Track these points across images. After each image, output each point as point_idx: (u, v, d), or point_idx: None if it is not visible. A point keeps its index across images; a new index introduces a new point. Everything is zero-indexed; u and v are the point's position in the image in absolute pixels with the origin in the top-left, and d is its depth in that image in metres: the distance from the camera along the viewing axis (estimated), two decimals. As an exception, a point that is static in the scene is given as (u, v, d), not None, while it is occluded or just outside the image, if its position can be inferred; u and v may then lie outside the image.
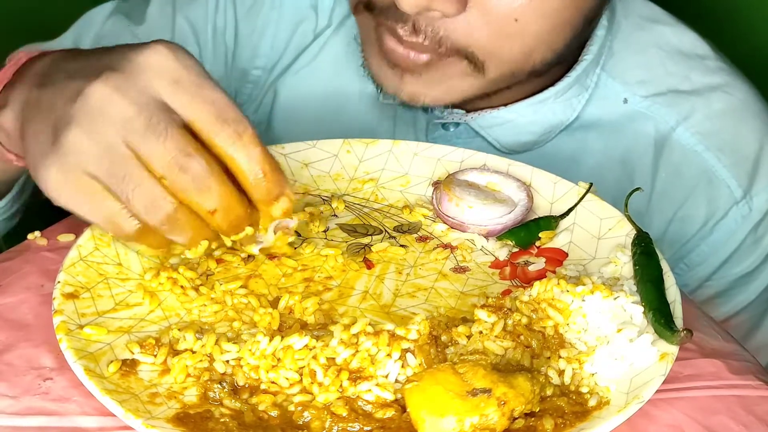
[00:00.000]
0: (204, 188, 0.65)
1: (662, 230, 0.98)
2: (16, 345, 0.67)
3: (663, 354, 0.65)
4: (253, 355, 0.64)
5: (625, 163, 0.98)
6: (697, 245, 0.98)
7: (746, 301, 0.99)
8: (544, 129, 0.98)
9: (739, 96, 0.99)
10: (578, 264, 0.77)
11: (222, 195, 0.66)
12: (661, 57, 1.00)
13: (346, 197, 0.85)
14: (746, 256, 0.98)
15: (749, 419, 0.66)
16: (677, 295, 0.70)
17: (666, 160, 0.98)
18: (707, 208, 0.97)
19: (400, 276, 0.75)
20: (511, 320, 0.66)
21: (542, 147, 0.99)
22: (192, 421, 0.60)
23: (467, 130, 0.99)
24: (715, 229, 0.97)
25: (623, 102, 0.98)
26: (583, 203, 0.81)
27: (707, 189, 0.97)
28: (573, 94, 0.97)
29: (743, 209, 0.96)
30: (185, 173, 0.64)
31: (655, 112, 0.98)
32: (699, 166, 0.97)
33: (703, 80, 0.99)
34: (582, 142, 0.99)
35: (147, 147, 0.64)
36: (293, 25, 1.06)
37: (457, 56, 0.85)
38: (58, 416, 0.62)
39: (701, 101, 0.98)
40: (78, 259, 0.72)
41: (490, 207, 0.80)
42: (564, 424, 0.60)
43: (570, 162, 0.98)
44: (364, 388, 0.62)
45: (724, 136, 0.98)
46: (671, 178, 0.98)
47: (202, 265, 0.74)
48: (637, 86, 0.99)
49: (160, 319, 0.69)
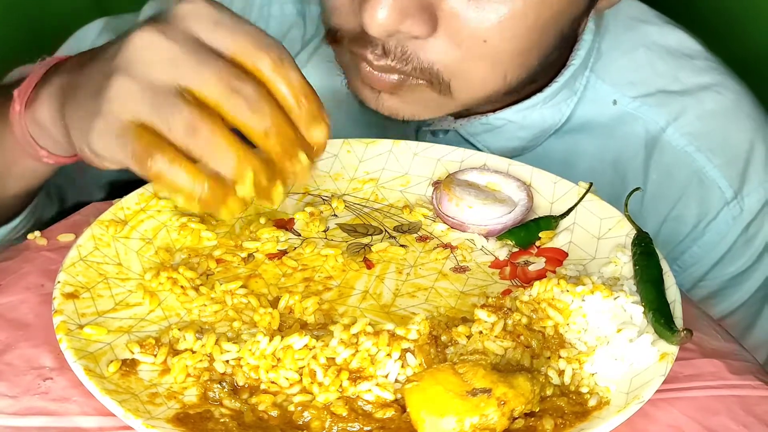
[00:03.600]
0: (257, 108, 0.65)
1: (655, 232, 0.98)
2: (16, 345, 0.67)
3: (663, 354, 0.65)
4: (253, 355, 0.64)
5: (616, 164, 0.98)
6: (690, 246, 0.98)
7: (740, 301, 0.99)
8: (534, 134, 0.97)
9: (730, 96, 0.99)
10: (578, 264, 0.77)
11: (274, 114, 0.65)
12: (650, 57, 0.99)
13: (346, 197, 0.85)
14: (738, 257, 0.98)
15: (749, 419, 0.66)
16: (677, 295, 0.70)
17: (657, 162, 0.98)
18: (698, 209, 0.97)
19: (400, 276, 0.75)
20: (511, 320, 0.66)
21: (532, 151, 0.98)
22: (192, 421, 0.60)
23: (456, 137, 0.99)
24: (707, 230, 0.97)
25: (613, 103, 0.98)
26: (583, 203, 0.81)
27: (698, 190, 0.97)
28: (562, 98, 0.96)
29: (734, 210, 0.96)
30: (238, 95, 0.64)
31: (645, 113, 0.98)
32: (690, 167, 0.97)
33: (692, 80, 0.99)
34: (573, 144, 0.99)
35: (199, 79, 0.64)
36: (281, 34, 1.06)
37: (422, 78, 0.84)
38: (58, 416, 0.62)
39: (692, 101, 0.98)
40: (78, 259, 0.72)
41: (490, 207, 0.80)
42: (564, 424, 0.60)
43: (562, 165, 0.97)
44: (364, 388, 0.62)
45: (715, 136, 0.97)
46: (662, 179, 0.98)
47: (202, 265, 0.74)
48: (626, 87, 0.98)
49: (160, 319, 0.69)
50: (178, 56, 0.65)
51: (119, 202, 0.78)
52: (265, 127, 0.65)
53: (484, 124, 0.96)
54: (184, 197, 0.64)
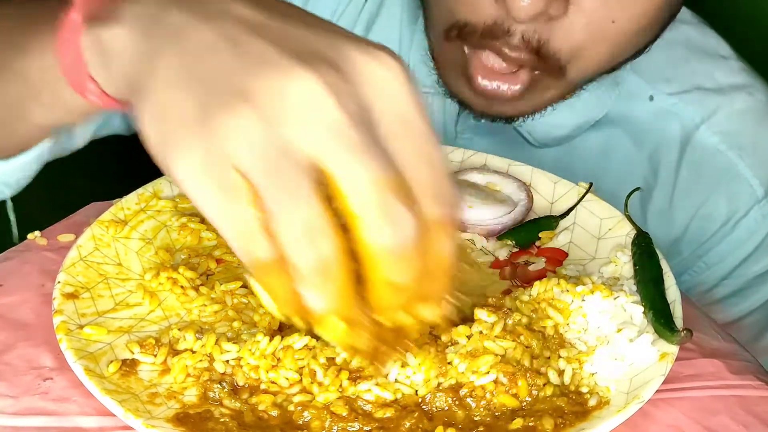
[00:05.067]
0: (404, 253, 0.49)
1: (684, 228, 0.98)
2: (16, 345, 0.67)
3: (663, 354, 0.65)
4: (253, 355, 0.64)
5: (651, 160, 0.99)
6: (717, 243, 0.98)
7: (761, 300, 0.99)
8: (577, 123, 0.98)
9: (761, 98, 1.00)
10: (578, 264, 0.77)
11: (415, 272, 0.51)
12: (686, 55, 1.00)
13: (346, 197, 0.84)
14: (763, 256, 0.98)
15: (749, 419, 0.66)
16: (677, 295, 0.70)
17: (689, 158, 0.98)
18: (728, 206, 0.97)
19: (400, 276, 0.75)
20: (511, 320, 0.66)
21: (570, 142, 0.99)
22: (192, 421, 0.60)
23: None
24: (736, 227, 0.97)
25: (649, 99, 0.99)
26: (583, 203, 0.81)
27: (729, 187, 0.97)
28: (605, 90, 0.97)
29: (764, 208, 0.97)
30: (393, 224, 0.49)
31: (681, 109, 0.98)
32: (721, 165, 0.97)
33: (726, 80, 0.99)
34: (610, 138, 0.99)
35: (354, 172, 0.48)
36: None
37: (542, 69, 0.84)
38: (58, 416, 0.62)
39: (725, 100, 0.98)
40: (78, 259, 0.72)
41: (490, 207, 0.80)
42: (564, 424, 0.60)
43: (599, 158, 0.98)
44: (363, 387, 0.62)
45: (746, 136, 0.98)
46: (693, 175, 0.98)
47: (202, 265, 0.74)
48: (663, 84, 0.99)
49: (160, 319, 0.69)
50: (342, 130, 0.48)
51: (119, 202, 0.78)
52: (397, 281, 0.50)
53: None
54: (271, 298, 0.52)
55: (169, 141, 0.50)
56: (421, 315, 0.53)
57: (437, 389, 0.63)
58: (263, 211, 0.49)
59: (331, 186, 0.48)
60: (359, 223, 0.49)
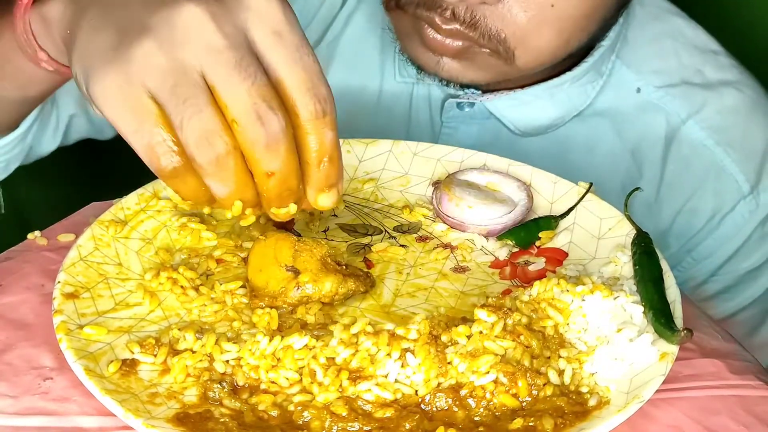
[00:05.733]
0: (273, 146, 0.60)
1: (670, 222, 0.98)
2: (16, 345, 0.67)
3: (663, 354, 0.65)
4: (253, 355, 0.64)
5: (635, 153, 0.99)
6: (705, 238, 0.98)
7: (753, 296, 0.99)
8: (559, 113, 0.98)
9: (750, 94, 1.00)
10: (578, 264, 0.77)
11: (286, 160, 0.61)
12: (676, 48, 1.00)
13: (346, 197, 0.85)
14: (753, 252, 0.98)
15: (749, 419, 0.66)
16: (677, 295, 0.70)
17: (675, 153, 0.98)
18: (715, 201, 0.97)
19: (400, 276, 0.75)
20: (511, 320, 0.66)
21: (555, 131, 0.99)
22: (192, 421, 0.60)
23: (482, 111, 0.99)
24: (722, 222, 0.97)
25: (636, 91, 0.99)
26: (583, 203, 0.81)
27: (715, 182, 0.97)
28: (589, 79, 0.97)
29: (750, 204, 0.97)
30: (261, 125, 0.59)
31: (668, 103, 0.99)
32: (708, 160, 0.98)
33: (715, 75, 1.00)
34: (595, 129, 0.99)
35: (229, 85, 0.59)
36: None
37: (488, 47, 0.85)
38: (58, 416, 0.62)
39: (713, 96, 0.98)
40: (78, 259, 0.72)
41: (490, 207, 0.80)
42: (564, 424, 0.60)
43: (583, 148, 0.98)
44: (363, 387, 0.62)
45: (734, 131, 0.98)
46: (680, 170, 0.98)
47: (202, 265, 0.74)
48: (651, 76, 0.99)
49: (160, 319, 0.69)
50: (220, 51, 0.59)
51: (119, 202, 0.78)
52: (271, 170, 0.61)
53: (512, 99, 0.96)
54: (174, 190, 0.63)
55: (90, 71, 0.61)
56: (320, 204, 0.65)
57: (437, 389, 0.63)
58: (171, 129, 0.60)
59: (215, 96, 0.60)
60: (236, 126, 0.60)
